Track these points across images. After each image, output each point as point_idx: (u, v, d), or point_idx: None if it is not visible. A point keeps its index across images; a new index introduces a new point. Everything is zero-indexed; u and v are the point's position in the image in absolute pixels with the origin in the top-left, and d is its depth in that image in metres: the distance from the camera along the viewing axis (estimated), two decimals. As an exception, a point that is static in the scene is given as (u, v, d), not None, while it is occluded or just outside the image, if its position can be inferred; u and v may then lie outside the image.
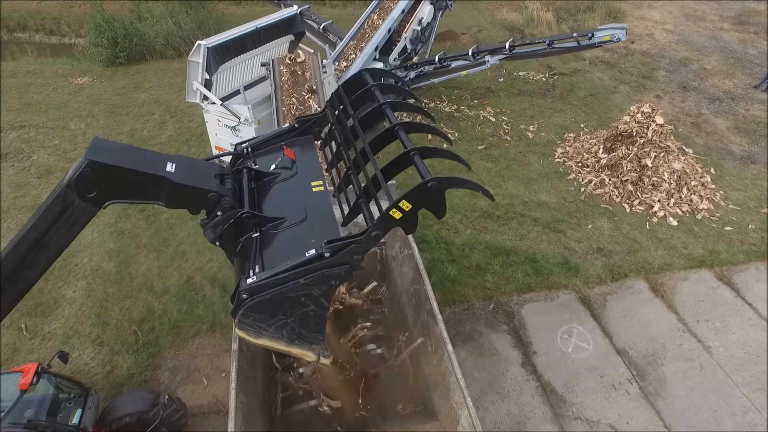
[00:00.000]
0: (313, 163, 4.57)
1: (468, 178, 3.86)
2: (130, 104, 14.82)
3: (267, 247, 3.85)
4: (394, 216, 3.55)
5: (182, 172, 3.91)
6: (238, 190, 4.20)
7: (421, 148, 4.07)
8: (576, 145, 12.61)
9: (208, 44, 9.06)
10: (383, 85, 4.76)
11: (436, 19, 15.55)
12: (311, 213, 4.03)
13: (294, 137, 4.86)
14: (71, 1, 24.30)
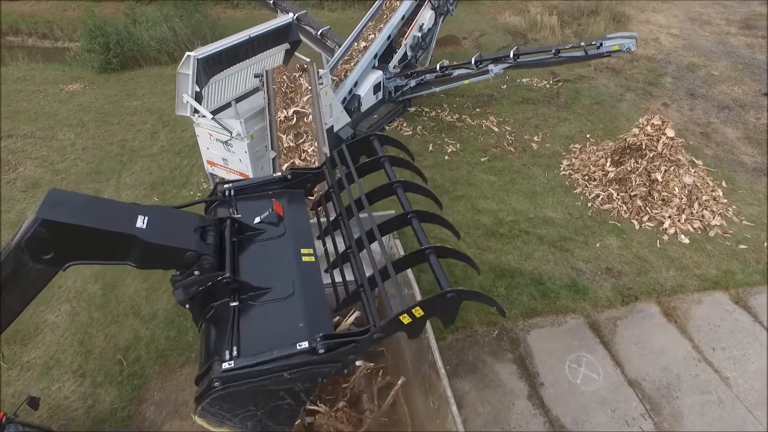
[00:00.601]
0: (303, 225, 4.06)
1: (485, 294, 3.44)
2: (122, 113, 14.38)
3: (246, 324, 3.31)
4: (403, 321, 3.13)
5: (155, 228, 3.40)
6: (219, 245, 3.69)
7: (420, 212, 3.61)
8: (582, 156, 12.17)
9: (198, 55, 8.62)
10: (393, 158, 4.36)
11: (438, 24, 15.11)
12: (300, 288, 3.49)
13: (284, 188, 4.35)
14: (65, 4, 23.84)
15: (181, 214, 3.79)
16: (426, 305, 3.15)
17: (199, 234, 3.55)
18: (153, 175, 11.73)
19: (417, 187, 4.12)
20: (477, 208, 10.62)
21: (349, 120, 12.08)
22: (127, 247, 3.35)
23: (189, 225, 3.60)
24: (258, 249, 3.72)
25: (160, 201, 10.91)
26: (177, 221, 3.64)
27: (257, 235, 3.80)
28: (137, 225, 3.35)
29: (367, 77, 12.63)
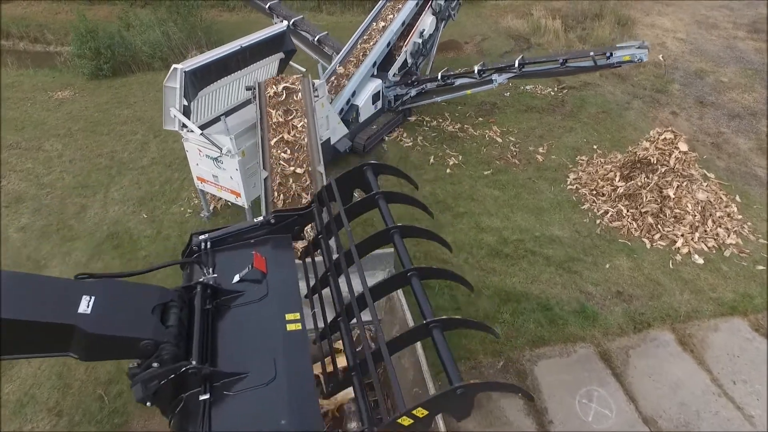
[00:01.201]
0: (289, 281, 3.47)
1: (508, 383, 2.87)
2: (112, 122, 13.90)
3: (220, 419, 2.74)
4: (403, 423, 2.60)
5: (103, 313, 2.79)
6: (186, 322, 3.08)
7: (422, 268, 3.09)
8: (589, 170, 11.68)
9: (185, 68, 8.13)
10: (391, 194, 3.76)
11: (439, 30, 14.63)
12: (283, 370, 2.92)
13: (268, 234, 3.82)
14: (58, 6, 23.36)
15: (138, 290, 3.15)
16: (431, 404, 2.66)
17: (160, 313, 3.01)
18: (142, 189, 11.24)
19: (418, 231, 3.61)
20: (480, 226, 10.13)
21: (347, 131, 11.61)
22: (67, 339, 2.74)
23: (146, 304, 2.99)
24: (235, 318, 3.17)
25: (148, 218, 10.43)
26: (131, 300, 3.03)
27: (235, 299, 3.28)
28: (80, 310, 2.74)
29: (366, 86, 12.15)
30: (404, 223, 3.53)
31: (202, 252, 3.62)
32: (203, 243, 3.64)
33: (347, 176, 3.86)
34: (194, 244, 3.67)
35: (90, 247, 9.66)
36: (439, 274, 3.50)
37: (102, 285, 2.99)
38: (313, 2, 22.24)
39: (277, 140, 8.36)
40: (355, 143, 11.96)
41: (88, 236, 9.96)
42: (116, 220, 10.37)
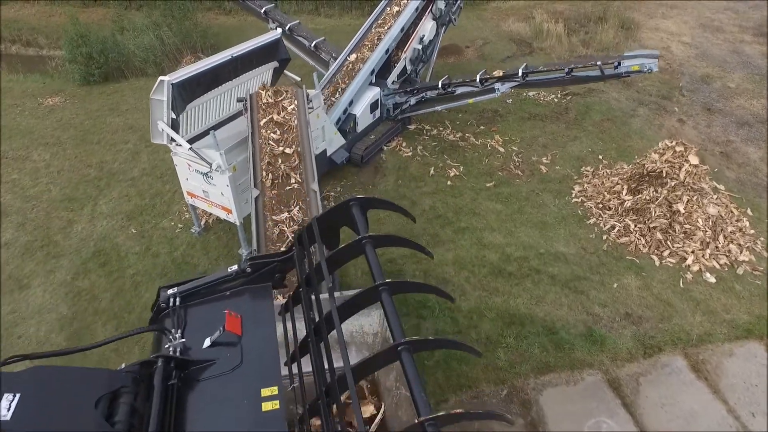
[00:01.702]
0: (268, 345, 3.00)
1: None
2: (103, 130, 13.50)
3: None
4: None
5: (28, 416, 2.28)
6: (141, 408, 2.58)
7: (415, 341, 2.62)
8: (595, 181, 11.28)
9: (173, 80, 7.73)
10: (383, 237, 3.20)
11: (439, 35, 14.24)
12: None
13: (244, 285, 3.41)
14: (51, 9, 22.96)
15: (79, 378, 2.64)
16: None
17: (107, 405, 2.55)
18: (131, 202, 10.84)
19: (409, 285, 3.17)
20: (482, 242, 9.73)
21: (344, 142, 11.21)
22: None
23: (88, 396, 2.46)
24: (204, 394, 2.74)
25: (137, 233, 10.04)
26: (69, 393, 2.51)
27: (205, 369, 2.86)
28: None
29: (364, 95, 11.75)
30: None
31: (170, 310, 3.19)
32: (171, 299, 3.22)
33: (332, 213, 3.41)
34: (162, 300, 3.26)
35: (75, 264, 9.27)
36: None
37: (31, 376, 2.50)
38: (310, 5, 21.83)
39: (266, 121, 8.01)
40: (352, 154, 11.56)
41: (74, 253, 9.56)
42: (104, 235, 9.97)
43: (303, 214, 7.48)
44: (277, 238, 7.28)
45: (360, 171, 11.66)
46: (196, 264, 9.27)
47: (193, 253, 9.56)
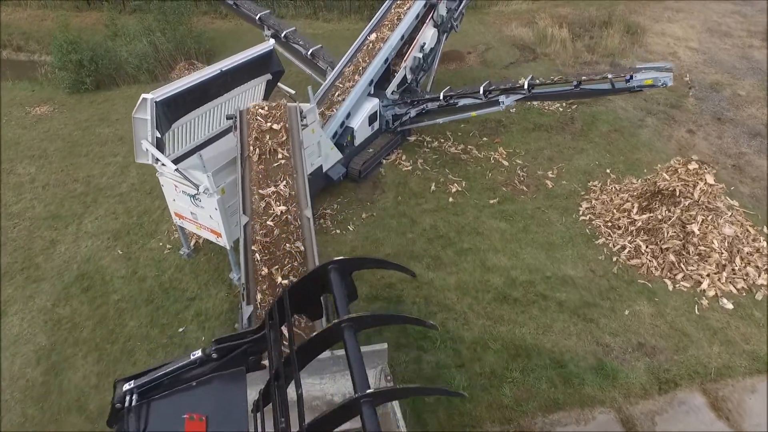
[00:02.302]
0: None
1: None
2: (92, 141, 13.02)
3: None
4: None
5: None
6: None
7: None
8: (603, 198, 10.79)
9: (157, 98, 7.25)
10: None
11: (441, 42, 13.75)
12: None
13: (214, 372, 2.93)
14: (44, 13, 22.46)
15: None
16: None
17: None
18: (119, 220, 10.36)
19: (392, 393, 2.62)
20: (486, 265, 9.25)
21: (341, 157, 10.72)
22: None
23: None
24: None
25: (123, 254, 9.56)
26: None
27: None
28: None
29: (362, 107, 11.26)
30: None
31: (126, 410, 2.68)
32: (128, 396, 2.71)
33: (307, 281, 2.88)
34: (117, 398, 2.74)
35: (57, 289, 8.79)
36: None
37: None
38: (308, 9, 21.33)
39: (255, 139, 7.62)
40: (350, 169, 11.07)
41: (56, 276, 9.08)
42: (88, 257, 9.49)
43: (289, 189, 7.12)
44: (263, 211, 6.85)
45: (358, 187, 11.17)
46: (185, 289, 8.79)
47: (181, 276, 9.07)
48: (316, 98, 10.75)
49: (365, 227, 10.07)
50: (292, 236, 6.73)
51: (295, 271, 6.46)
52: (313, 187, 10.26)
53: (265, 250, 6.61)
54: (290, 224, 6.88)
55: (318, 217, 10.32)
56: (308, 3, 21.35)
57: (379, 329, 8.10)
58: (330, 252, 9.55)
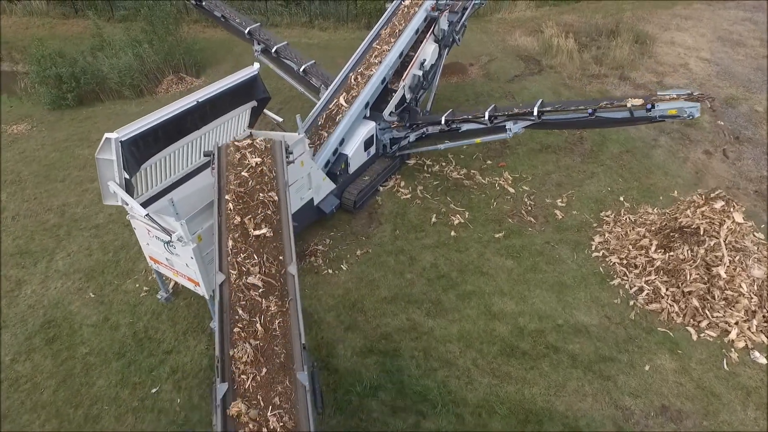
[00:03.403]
0: None
1: None
2: (69, 165, 12.21)
3: None
4: None
5: None
6: None
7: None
8: (617, 231, 9.98)
9: (122, 137, 6.44)
10: None
11: (442, 57, 12.92)
12: None
13: None
14: (29, 20, 21.64)
15: None
16: None
17: None
18: (93, 257, 9.56)
19: None
20: (491, 311, 8.44)
21: (334, 187, 9.91)
22: None
23: None
24: None
25: (96, 298, 8.76)
26: None
27: None
28: None
29: (357, 131, 10.45)
30: None
31: None
32: None
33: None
34: None
35: (19, 341, 7.99)
36: None
37: None
38: (304, 17, 20.50)
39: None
40: (344, 199, 10.26)
41: (19, 324, 8.28)
42: (56, 300, 8.69)
43: (272, 241, 6.21)
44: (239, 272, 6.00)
45: (353, 218, 10.37)
46: (161, 340, 7.98)
47: (158, 325, 8.27)
48: (307, 124, 9.95)
49: (360, 266, 9.26)
50: (274, 296, 5.92)
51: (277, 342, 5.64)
52: (304, 221, 9.47)
53: (245, 311, 5.81)
54: (272, 278, 6.08)
55: (308, 254, 9.51)
56: (304, 11, 20.52)
57: (374, 388, 7.31)
58: (321, 295, 8.74)
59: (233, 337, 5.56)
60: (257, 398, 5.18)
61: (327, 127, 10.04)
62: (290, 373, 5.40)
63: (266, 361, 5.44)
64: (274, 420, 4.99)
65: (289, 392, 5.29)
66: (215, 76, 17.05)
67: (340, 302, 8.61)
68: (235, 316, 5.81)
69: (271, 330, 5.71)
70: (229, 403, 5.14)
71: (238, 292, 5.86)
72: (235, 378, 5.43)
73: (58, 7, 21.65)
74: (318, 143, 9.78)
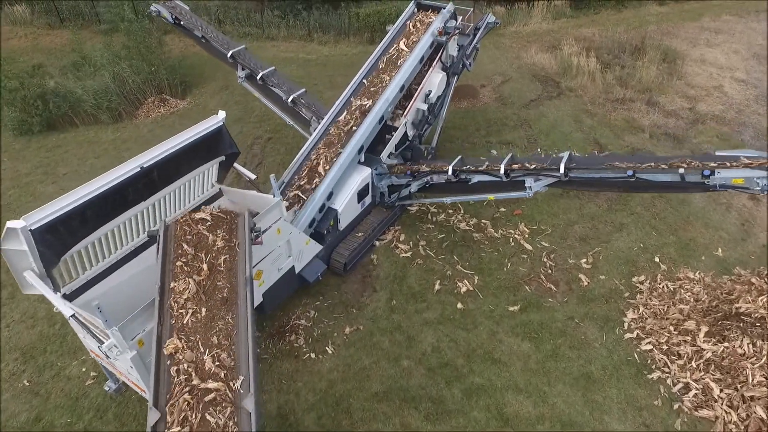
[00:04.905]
0: None
1: None
2: (27, 205, 10.80)
3: None
4: None
5: None
6: None
7: None
8: (654, 305, 8.42)
9: (32, 225, 5.01)
10: None
11: (451, 86, 11.43)
12: None
13: None
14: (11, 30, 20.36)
15: None
16: None
17: None
18: (35, 330, 8.16)
19: None
20: (504, 414, 6.93)
21: (320, 248, 8.42)
22: None
23: None
24: None
25: (30, 386, 7.35)
26: None
27: None
28: None
29: (349, 180, 8.97)
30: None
31: None
32: None
33: None
34: None
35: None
36: None
37: None
38: (302, 30, 19.02)
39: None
40: (333, 262, 8.78)
41: (-65, 425, 6.91)
42: (-16, 390, 7.31)
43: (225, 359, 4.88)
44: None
45: (343, 282, 8.89)
46: (101, 450, 6.57)
47: (102, 426, 6.85)
48: (288, 174, 8.47)
49: (348, 349, 7.78)
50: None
51: None
52: (283, 293, 8.02)
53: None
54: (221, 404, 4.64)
55: (288, 331, 8.04)
56: (302, 23, 19.04)
57: None
58: (300, 388, 7.27)
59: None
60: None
61: (311, 179, 8.54)
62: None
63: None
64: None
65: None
66: (201, 97, 15.64)
67: (323, 399, 7.14)
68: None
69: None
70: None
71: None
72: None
73: (42, 17, 20.35)
74: (298, 203, 8.27)
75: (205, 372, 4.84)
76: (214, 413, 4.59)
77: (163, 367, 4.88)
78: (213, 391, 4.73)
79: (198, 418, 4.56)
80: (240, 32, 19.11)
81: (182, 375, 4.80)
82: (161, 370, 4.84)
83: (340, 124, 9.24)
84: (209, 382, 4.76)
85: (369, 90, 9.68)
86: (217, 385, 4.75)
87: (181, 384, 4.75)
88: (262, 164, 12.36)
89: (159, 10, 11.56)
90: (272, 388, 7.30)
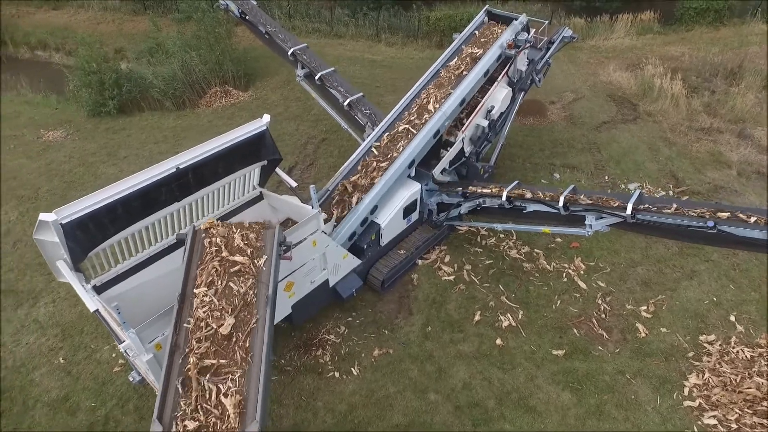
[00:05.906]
0: None
1: None
2: (89, 184, 11.27)
3: None
4: None
5: None
6: None
7: None
8: (725, 372, 7.40)
9: (63, 219, 4.98)
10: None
11: (516, 102, 10.73)
12: None
13: None
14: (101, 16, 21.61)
15: None
16: None
17: None
18: (77, 308, 8.38)
19: None
20: (534, 475, 6.27)
21: (358, 263, 8.07)
22: None
23: None
24: None
25: (64, 365, 7.51)
26: None
27: None
28: None
29: (396, 195, 8.55)
30: None
31: None
32: None
33: None
34: None
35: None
36: None
37: None
38: (370, 29, 18.80)
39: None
40: (370, 277, 8.41)
41: (-27, 390, 7.21)
42: (20, 363, 7.56)
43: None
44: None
45: (378, 300, 8.50)
46: (118, 440, 6.58)
47: (121, 416, 6.88)
48: (319, 200, 8.14)
49: (375, 373, 7.39)
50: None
51: None
52: (314, 307, 7.75)
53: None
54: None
55: (315, 346, 7.76)
56: (371, 23, 18.82)
57: None
58: (319, 408, 6.96)
59: None
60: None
61: (356, 191, 8.19)
62: None
63: None
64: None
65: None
66: (263, 90, 15.76)
67: (340, 423, 6.80)
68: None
69: None
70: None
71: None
72: None
73: (129, 3, 21.44)
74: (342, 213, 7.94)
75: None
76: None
77: (172, 380, 4.68)
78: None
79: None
80: (309, 28, 19.18)
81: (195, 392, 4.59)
82: (170, 384, 4.64)
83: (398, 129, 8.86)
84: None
85: (426, 103, 9.20)
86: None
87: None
88: (313, 165, 12.19)
89: (227, 4, 11.66)
90: (291, 404, 7.05)
